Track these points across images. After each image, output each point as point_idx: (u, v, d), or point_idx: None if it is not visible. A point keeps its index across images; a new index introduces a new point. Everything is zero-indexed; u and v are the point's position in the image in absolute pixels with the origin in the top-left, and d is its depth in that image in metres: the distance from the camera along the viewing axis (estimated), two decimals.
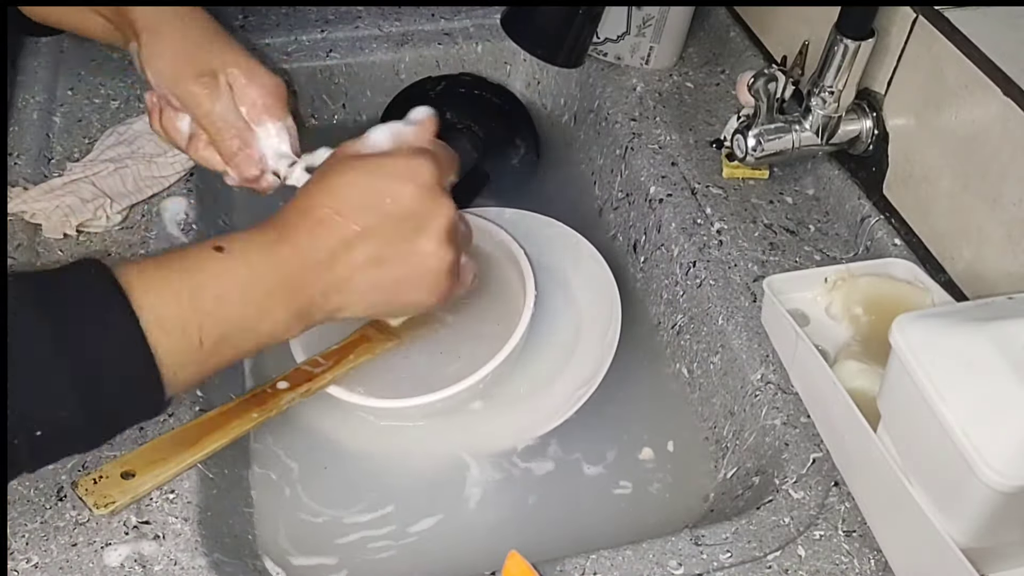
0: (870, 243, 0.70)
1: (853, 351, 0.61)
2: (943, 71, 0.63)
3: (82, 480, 0.53)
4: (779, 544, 0.54)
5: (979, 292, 0.63)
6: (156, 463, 0.54)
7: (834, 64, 0.68)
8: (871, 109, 0.71)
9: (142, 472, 0.54)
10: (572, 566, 0.52)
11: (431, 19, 0.92)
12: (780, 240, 0.72)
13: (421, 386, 0.61)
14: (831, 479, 0.57)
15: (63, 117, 0.78)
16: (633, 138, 0.81)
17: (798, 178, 0.77)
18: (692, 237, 0.72)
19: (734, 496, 0.61)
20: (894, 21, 0.67)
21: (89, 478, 0.53)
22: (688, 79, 0.87)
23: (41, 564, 0.51)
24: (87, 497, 0.52)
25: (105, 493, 0.52)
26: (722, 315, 0.66)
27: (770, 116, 0.71)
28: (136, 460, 0.54)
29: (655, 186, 0.76)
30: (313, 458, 0.64)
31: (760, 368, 0.63)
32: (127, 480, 0.53)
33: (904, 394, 0.49)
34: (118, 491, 0.53)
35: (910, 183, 0.69)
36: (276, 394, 0.58)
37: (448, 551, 0.60)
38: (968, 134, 0.62)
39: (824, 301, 0.65)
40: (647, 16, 0.83)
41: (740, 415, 0.64)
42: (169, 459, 0.54)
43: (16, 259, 0.66)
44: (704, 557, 0.53)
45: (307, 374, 0.60)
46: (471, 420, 0.66)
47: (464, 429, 0.66)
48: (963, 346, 0.47)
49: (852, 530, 0.55)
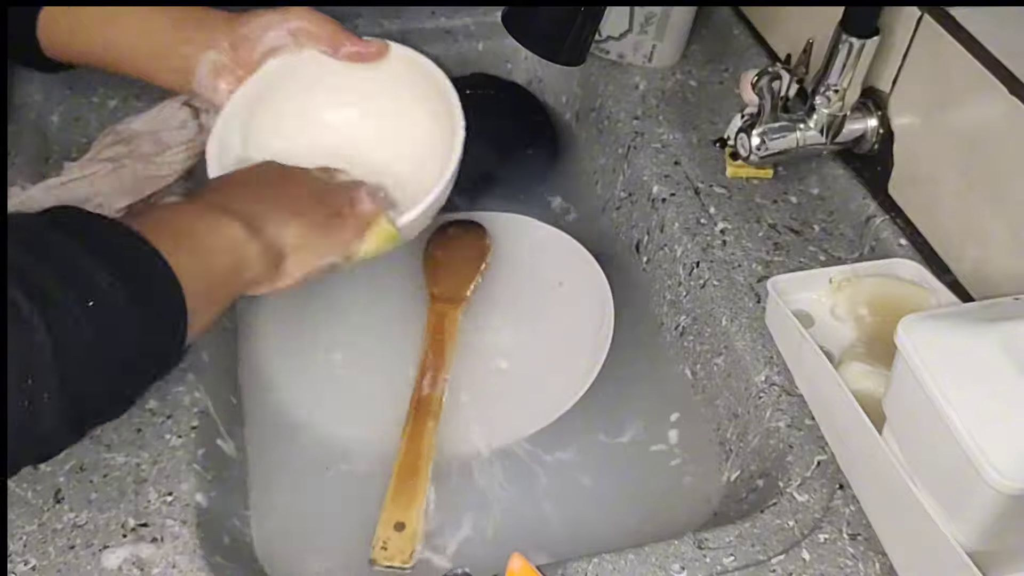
0: (875, 243, 0.70)
1: (858, 352, 0.60)
2: (948, 70, 0.63)
3: (376, 555, 0.57)
4: (783, 547, 0.53)
5: (985, 293, 0.62)
6: (409, 505, 0.59)
7: (839, 62, 0.67)
8: (876, 108, 0.70)
9: (407, 518, 0.58)
10: (574, 569, 0.52)
11: (431, 17, 0.92)
12: (784, 240, 0.71)
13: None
14: (836, 482, 0.57)
15: (61, 116, 0.78)
16: (636, 137, 0.80)
17: (802, 177, 0.77)
18: (695, 237, 0.71)
19: (738, 499, 0.61)
20: (899, 19, 0.67)
21: (379, 550, 0.57)
22: (691, 77, 0.87)
23: (39, 567, 0.50)
24: (394, 562, 0.56)
25: (401, 548, 0.57)
26: (726, 316, 0.66)
27: (774, 115, 0.71)
28: (394, 511, 0.58)
29: (658, 185, 0.76)
30: (313, 460, 0.64)
31: (764, 370, 0.62)
32: (402, 531, 0.58)
33: (910, 396, 0.48)
34: (407, 542, 0.57)
35: (915, 183, 0.68)
36: (429, 399, 0.64)
37: (450, 553, 0.60)
38: (974, 133, 0.62)
39: (829, 302, 0.64)
40: (650, 14, 0.82)
41: (744, 417, 0.63)
42: (413, 496, 0.59)
43: None
44: (708, 561, 0.53)
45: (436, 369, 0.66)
46: (472, 420, 0.66)
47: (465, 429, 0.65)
48: (969, 347, 0.47)
49: (857, 533, 0.54)
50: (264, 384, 0.68)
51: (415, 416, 0.63)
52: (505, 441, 0.65)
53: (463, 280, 0.72)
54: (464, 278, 0.73)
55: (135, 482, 0.54)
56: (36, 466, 0.55)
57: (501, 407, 0.67)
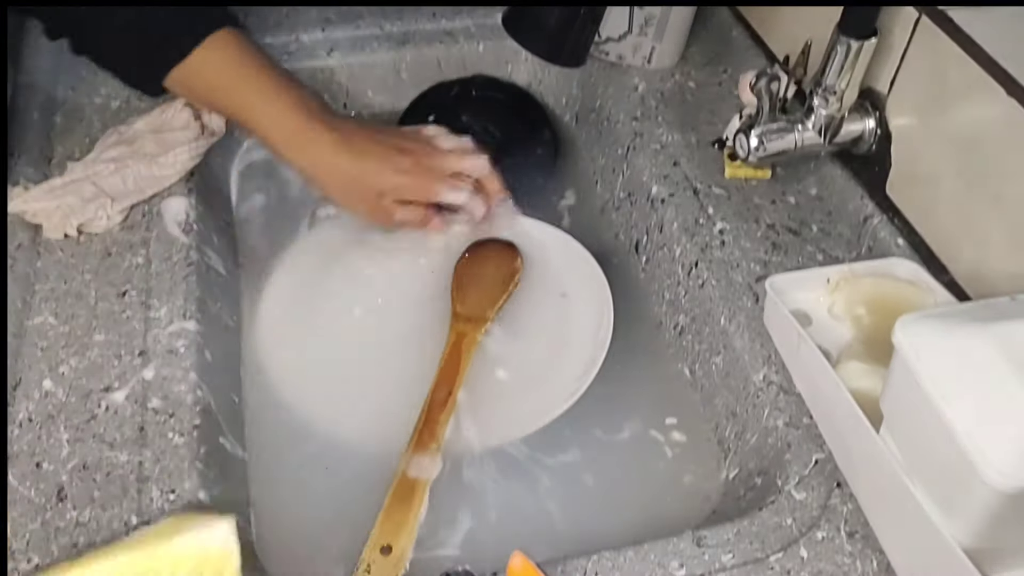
0: (873, 243, 0.70)
1: (856, 352, 0.61)
2: (946, 71, 0.63)
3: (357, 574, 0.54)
4: (781, 545, 0.54)
5: (982, 293, 0.63)
6: (399, 528, 0.57)
7: (837, 64, 0.68)
8: (874, 109, 0.71)
9: (395, 542, 0.56)
10: (574, 567, 0.52)
11: (432, 19, 0.92)
12: (782, 240, 0.71)
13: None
14: (833, 480, 0.57)
15: (64, 116, 0.78)
16: (635, 138, 0.80)
17: (801, 178, 0.77)
18: (694, 237, 0.71)
19: (736, 497, 0.61)
20: (897, 20, 0.67)
21: (361, 571, 0.54)
22: (690, 79, 0.87)
23: (42, 565, 0.51)
24: None
25: (386, 573, 0.55)
26: (724, 315, 0.66)
27: (772, 116, 0.71)
28: (383, 534, 0.56)
29: (657, 186, 0.76)
30: (313, 458, 0.64)
31: (762, 369, 0.63)
32: (389, 555, 0.55)
33: (907, 395, 0.48)
34: (392, 567, 0.55)
35: (913, 183, 0.69)
36: (435, 420, 0.63)
37: (451, 551, 0.60)
38: (971, 134, 0.62)
39: (827, 301, 0.65)
40: (649, 16, 0.83)
41: (742, 416, 0.64)
42: (404, 519, 0.57)
43: (16, 259, 0.66)
44: (706, 558, 0.53)
45: (445, 390, 0.65)
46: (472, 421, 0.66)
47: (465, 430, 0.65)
48: (966, 347, 0.47)
49: (855, 531, 0.55)
50: (266, 383, 0.68)
51: (419, 438, 0.62)
52: (502, 442, 0.65)
53: (489, 300, 0.71)
54: (490, 298, 0.71)
55: (138, 480, 0.55)
56: (38, 466, 0.55)
57: (499, 408, 0.67)
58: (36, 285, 0.65)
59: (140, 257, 0.67)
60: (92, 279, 0.66)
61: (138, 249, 0.68)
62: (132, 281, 0.66)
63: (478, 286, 0.72)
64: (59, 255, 0.67)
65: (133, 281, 0.66)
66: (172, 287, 0.65)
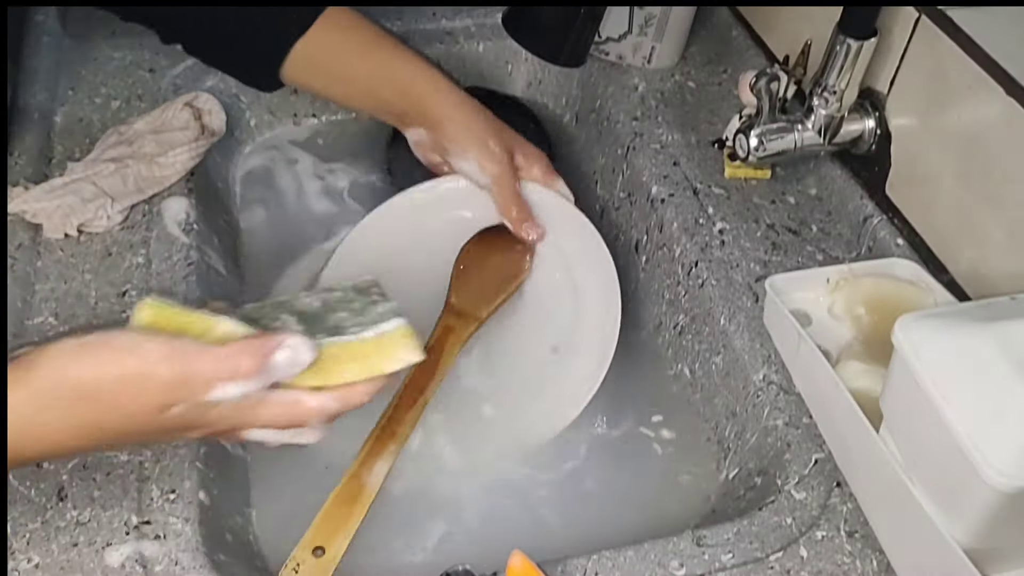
0: (872, 243, 0.70)
1: (855, 351, 0.61)
2: (946, 71, 0.63)
3: (284, 572, 0.53)
4: (781, 545, 0.54)
5: (982, 292, 0.63)
6: (335, 531, 0.54)
7: (836, 64, 0.68)
8: (874, 109, 0.71)
9: (329, 544, 0.54)
10: (574, 566, 0.52)
11: (432, 19, 0.92)
12: (782, 240, 0.71)
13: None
14: (833, 480, 0.57)
15: (64, 117, 0.78)
16: (635, 138, 0.80)
17: (800, 178, 0.77)
18: (694, 237, 0.71)
19: (736, 497, 0.61)
20: (897, 20, 0.67)
21: (289, 569, 0.53)
22: (690, 79, 0.87)
23: (42, 564, 0.51)
24: None
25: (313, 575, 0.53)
26: (724, 315, 0.66)
27: (772, 116, 0.71)
28: (318, 535, 0.54)
29: (657, 186, 0.76)
30: (313, 457, 0.64)
31: (762, 368, 0.63)
32: (320, 556, 0.53)
33: (907, 394, 0.49)
34: (321, 571, 0.53)
35: (913, 183, 0.69)
36: (401, 419, 0.59)
37: (452, 550, 0.60)
38: (971, 134, 0.62)
39: (826, 301, 0.65)
40: (649, 15, 0.83)
41: (742, 416, 0.64)
42: (343, 523, 0.55)
43: (17, 259, 0.66)
44: (706, 558, 0.53)
45: (417, 388, 0.61)
46: (472, 421, 0.66)
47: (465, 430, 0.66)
48: (966, 346, 0.47)
49: (854, 531, 0.55)
50: None
51: (377, 437, 0.59)
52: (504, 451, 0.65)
53: (487, 298, 0.67)
54: (489, 296, 0.67)
55: (138, 480, 0.55)
56: (39, 465, 0.55)
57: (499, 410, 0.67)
58: (36, 285, 0.65)
59: (140, 257, 0.67)
60: (92, 279, 0.66)
61: (138, 249, 0.68)
62: (132, 281, 0.66)
63: (479, 278, 0.68)
64: (59, 255, 0.67)
65: (133, 281, 0.66)
66: (172, 287, 0.65)
